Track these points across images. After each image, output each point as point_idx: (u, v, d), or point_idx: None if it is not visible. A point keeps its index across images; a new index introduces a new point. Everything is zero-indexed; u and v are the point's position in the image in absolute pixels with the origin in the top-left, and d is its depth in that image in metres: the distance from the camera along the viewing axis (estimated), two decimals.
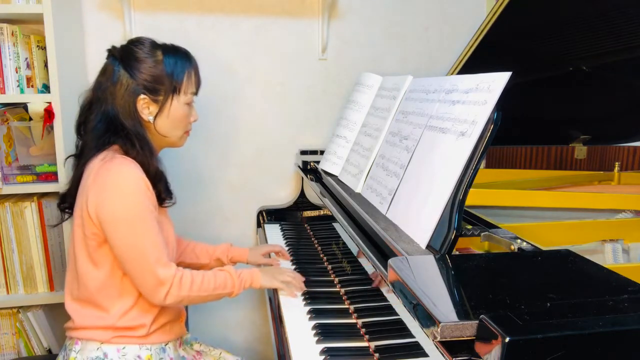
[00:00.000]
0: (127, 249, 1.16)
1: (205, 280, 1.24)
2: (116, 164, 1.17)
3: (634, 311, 0.62)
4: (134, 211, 1.16)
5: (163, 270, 1.17)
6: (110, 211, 1.15)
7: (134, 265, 1.17)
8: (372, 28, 2.07)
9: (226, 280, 1.28)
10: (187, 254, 1.57)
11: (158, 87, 1.26)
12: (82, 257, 1.21)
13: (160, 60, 1.26)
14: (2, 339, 1.75)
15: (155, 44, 1.29)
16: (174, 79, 1.27)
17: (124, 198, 1.15)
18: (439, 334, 0.61)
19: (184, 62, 1.30)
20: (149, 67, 1.24)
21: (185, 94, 1.30)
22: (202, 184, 2.05)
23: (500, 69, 0.93)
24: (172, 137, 1.33)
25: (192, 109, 1.35)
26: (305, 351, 1.08)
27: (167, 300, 1.19)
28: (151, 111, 1.26)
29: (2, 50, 1.61)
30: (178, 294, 1.19)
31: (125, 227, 1.15)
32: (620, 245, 1.28)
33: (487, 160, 2.15)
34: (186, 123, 1.35)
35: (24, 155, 1.70)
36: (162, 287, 1.17)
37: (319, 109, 2.09)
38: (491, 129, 0.89)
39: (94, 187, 1.17)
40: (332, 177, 1.54)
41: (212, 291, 1.25)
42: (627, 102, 1.84)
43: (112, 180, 1.16)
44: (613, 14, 1.50)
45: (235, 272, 1.30)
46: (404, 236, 0.98)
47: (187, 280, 1.21)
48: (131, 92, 1.23)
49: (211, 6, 1.94)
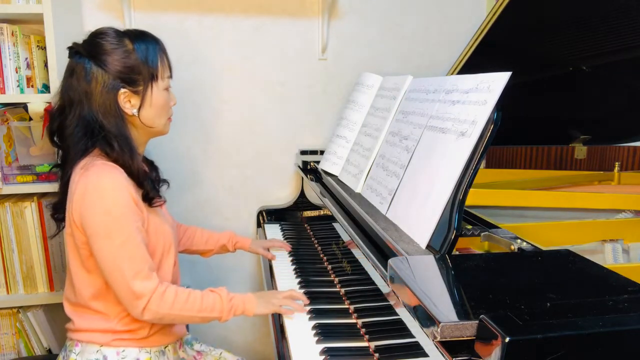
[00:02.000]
0: (105, 259, 1.12)
1: (190, 300, 1.17)
2: (94, 172, 1.13)
3: (634, 311, 0.62)
4: (112, 221, 1.11)
5: (141, 284, 1.12)
6: (90, 221, 1.11)
7: (111, 277, 1.13)
8: (372, 28, 2.07)
9: (214, 303, 1.19)
10: (194, 240, 1.59)
11: (135, 78, 1.19)
12: (75, 265, 1.20)
13: (131, 49, 1.19)
14: (2, 339, 1.75)
15: (119, 32, 1.22)
16: (149, 65, 1.21)
17: (103, 208, 1.11)
18: (439, 334, 0.61)
19: (154, 46, 1.23)
20: (121, 58, 1.18)
21: (163, 79, 1.24)
22: (202, 184, 2.05)
23: (500, 69, 0.93)
24: (157, 126, 1.27)
25: (170, 93, 1.30)
26: (305, 351, 1.08)
27: (144, 316, 1.14)
28: (133, 104, 1.21)
29: (2, 50, 1.61)
30: (157, 311, 1.14)
31: (103, 237, 1.11)
32: (620, 245, 1.28)
33: (487, 160, 2.15)
34: (168, 109, 1.29)
35: (24, 155, 1.70)
36: (139, 301, 1.12)
37: (319, 109, 2.09)
38: (491, 129, 0.89)
39: (76, 196, 1.14)
40: (332, 177, 1.54)
41: (196, 312, 1.17)
42: (627, 102, 1.84)
43: (91, 189, 1.12)
44: (613, 14, 1.50)
45: (226, 296, 1.21)
46: (404, 236, 0.98)
47: (169, 297, 1.15)
48: (110, 89, 1.17)
49: (211, 6, 1.94)
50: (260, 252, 1.64)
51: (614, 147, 1.95)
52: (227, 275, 2.12)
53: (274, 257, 1.61)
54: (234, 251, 1.64)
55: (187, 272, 2.04)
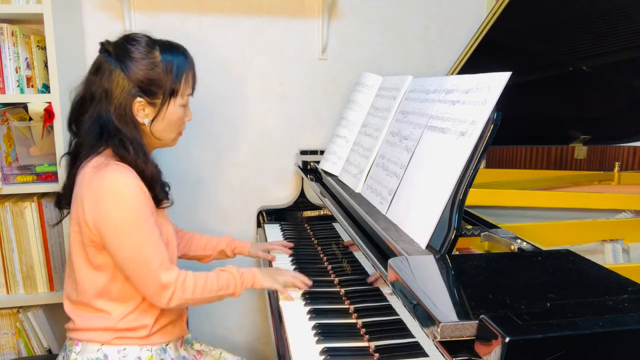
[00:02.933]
0: (129, 257, 1.14)
1: (208, 282, 1.22)
2: (110, 171, 1.14)
3: (634, 311, 0.62)
4: (133, 219, 1.13)
5: (166, 275, 1.16)
6: (109, 221, 1.13)
7: (136, 273, 1.15)
8: (372, 28, 2.07)
9: (229, 280, 1.26)
10: (192, 246, 1.57)
11: (155, 90, 1.21)
12: (80, 262, 1.20)
13: (158, 61, 1.20)
14: (2, 339, 1.75)
15: (151, 42, 1.23)
16: (172, 81, 1.22)
17: (122, 206, 1.13)
18: (439, 334, 0.61)
19: (182, 63, 1.25)
20: (145, 69, 1.19)
21: (182, 96, 1.26)
22: (202, 184, 2.05)
23: (500, 68, 0.93)
24: (165, 140, 1.29)
25: (187, 109, 1.31)
26: (305, 351, 1.07)
27: (171, 304, 1.18)
28: (147, 114, 1.22)
29: (2, 50, 1.61)
30: (182, 297, 1.18)
31: (125, 235, 1.13)
32: (620, 245, 1.28)
33: (487, 160, 2.15)
34: (181, 124, 1.30)
35: (24, 155, 1.70)
36: (166, 292, 1.16)
37: (319, 109, 2.09)
38: (491, 129, 0.89)
39: (88, 195, 1.14)
40: (332, 177, 1.54)
41: (215, 292, 1.23)
42: (627, 102, 1.84)
43: (107, 189, 1.13)
44: (613, 14, 1.50)
45: (237, 272, 1.28)
46: (404, 236, 0.98)
47: (190, 283, 1.19)
48: (127, 94, 1.18)
49: (211, 6, 1.94)
50: (260, 255, 1.62)
51: (614, 147, 1.95)
52: None
53: (273, 258, 1.61)
54: (233, 257, 1.62)
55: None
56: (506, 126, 0.91)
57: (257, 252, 1.62)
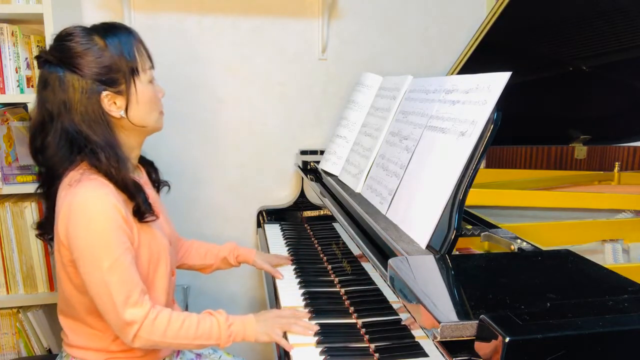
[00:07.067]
0: (93, 284, 1.03)
1: (185, 326, 1.08)
2: (81, 187, 1.04)
3: (634, 311, 0.62)
4: (101, 242, 1.02)
5: (132, 311, 1.03)
6: (77, 241, 1.03)
7: (99, 303, 1.04)
8: (372, 28, 2.07)
9: (212, 329, 1.10)
10: (191, 254, 1.49)
11: (115, 77, 1.10)
12: (65, 282, 1.12)
13: (103, 45, 1.09)
14: (2, 339, 1.75)
15: (87, 30, 1.11)
16: (127, 60, 1.11)
17: (89, 227, 1.02)
18: (439, 334, 0.61)
19: (127, 39, 1.13)
20: (96, 58, 1.08)
21: (144, 71, 1.15)
22: (202, 184, 2.05)
23: (500, 69, 0.93)
24: (149, 124, 1.18)
25: (156, 85, 1.20)
26: (305, 351, 1.08)
27: (135, 343, 1.05)
28: (119, 105, 1.11)
29: (2, 50, 1.61)
30: (148, 338, 1.05)
31: (91, 260, 1.02)
32: (620, 245, 1.28)
33: (487, 160, 2.15)
34: (157, 102, 1.19)
35: (24, 155, 1.70)
36: (129, 328, 1.04)
37: (319, 109, 2.09)
38: (491, 129, 0.89)
39: (61, 213, 1.05)
40: (332, 177, 1.54)
41: (192, 340, 1.09)
42: (627, 102, 1.84)
43: (76, 208, 1.03)
44: (613, 14, 1.50)
45: (225, 322, 1.12)
46: (404, 236, 0.98)
47: (161, 323, 1.06)
48: (89, 94, 1.07)
49: (211, 6, 1.94)
50: (265, 269, 1.50)
51: (614, 147, 1.95)
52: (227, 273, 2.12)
53: (280, 276, 1.47)
54: (237, 265, 1.51)
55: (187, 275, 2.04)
56: (506, 126, 0.91)
57: (262, 265, 1.50)
